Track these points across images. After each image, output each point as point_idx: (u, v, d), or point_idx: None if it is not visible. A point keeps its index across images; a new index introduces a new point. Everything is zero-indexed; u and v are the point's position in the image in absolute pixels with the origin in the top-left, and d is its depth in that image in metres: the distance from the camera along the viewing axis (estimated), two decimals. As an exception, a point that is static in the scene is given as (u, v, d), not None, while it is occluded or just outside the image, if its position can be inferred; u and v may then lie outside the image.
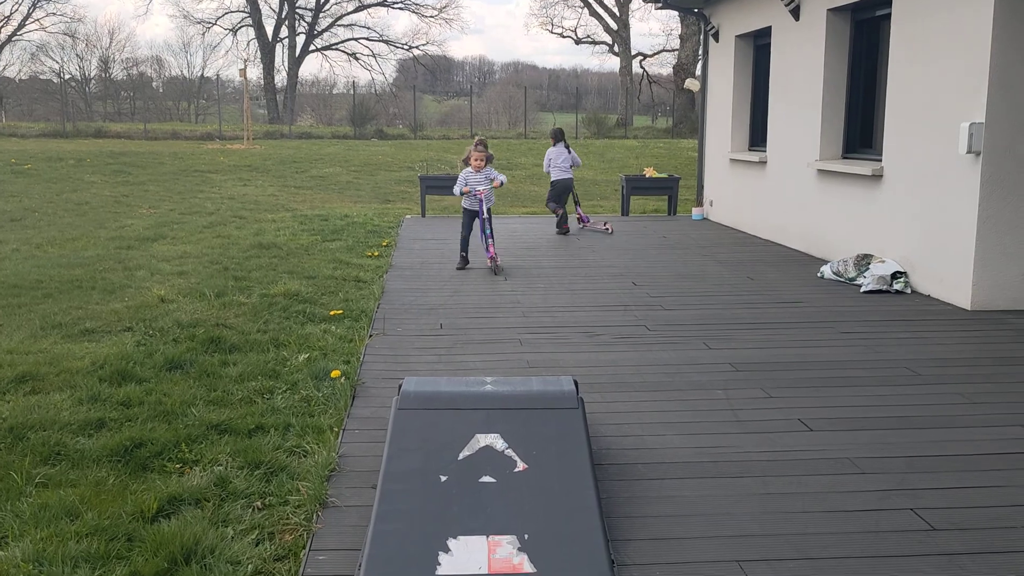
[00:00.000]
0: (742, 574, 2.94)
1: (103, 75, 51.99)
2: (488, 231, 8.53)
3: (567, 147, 11.75)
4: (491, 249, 8.56)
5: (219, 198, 15.53)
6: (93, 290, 7.49)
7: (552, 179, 11.69)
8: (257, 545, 3.16)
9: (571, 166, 11.78)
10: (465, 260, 8.81)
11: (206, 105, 53.00)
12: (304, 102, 48.93)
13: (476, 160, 8.62)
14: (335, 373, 5.05)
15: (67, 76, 45.89)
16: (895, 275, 7.62)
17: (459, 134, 34.88)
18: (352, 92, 39.75)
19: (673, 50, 44.39)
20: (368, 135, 33.92)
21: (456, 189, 8.81)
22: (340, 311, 6.83)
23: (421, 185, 13.63)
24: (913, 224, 7.63)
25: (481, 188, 8.59)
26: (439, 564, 2.90)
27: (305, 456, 3.96)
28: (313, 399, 4.73)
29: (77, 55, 58.78)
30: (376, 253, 9.76)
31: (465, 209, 8.84)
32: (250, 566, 3.01)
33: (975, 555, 3.07)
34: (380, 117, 39.93)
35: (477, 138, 8.73)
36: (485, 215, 8.56)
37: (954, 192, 7.03)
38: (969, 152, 6.73)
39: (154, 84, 54.33)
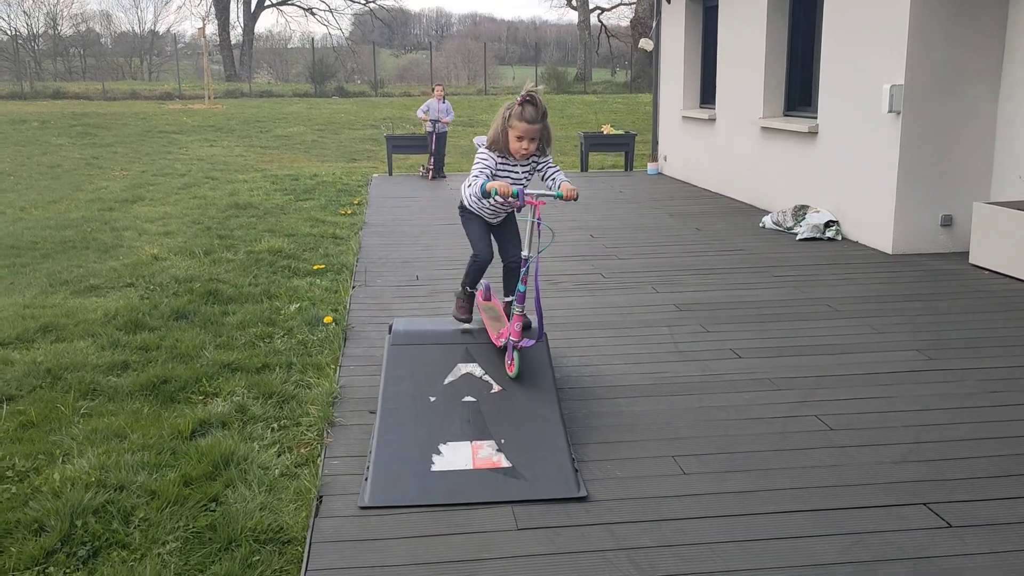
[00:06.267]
0: (676, 466, 3.68)
1: (51, 32, 51.08)
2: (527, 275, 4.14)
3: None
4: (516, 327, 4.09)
5: (188, 159, 15.90)
6: (87, 250, 8.01)
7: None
8: (280, 456, 3.83)
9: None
10: (469, 302, 4.57)
11: (159, 62, 52.34)
12: (260, 58, 48.58)
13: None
14: (328, 319, 5.70)
15: (14, 33, 45.06)
16: (827, 224, 8.40)
17: (419, 90, 35.12)
18: (310, 47, 39.62)
19: (631, 3, 44.78)
20: (329, 93, 34.04)
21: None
22: (322, 265, 7.44)
23: (387, 145, 14.16)
24: (843, 177, 8.39)
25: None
26: (433, 463, 3.60)
27: (310, 388, 4.61)
28: (309, 342, 5.38)
29: (24, 12, 57.52)
30: (349, 211, 10.34)
31: (469, 211, 4.47)
32: (277, 470, 3.67)
33: (863, 447, 3.83)
34: (339, 73, 39.93)
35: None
36: (533, 222, 4.09)
37: (878, 148, 7.79)
38: (890, 111, 7.48)
39: (103, 40, 53.46)
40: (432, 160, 13.41)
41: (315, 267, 7.39)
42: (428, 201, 11.25)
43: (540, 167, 4.31)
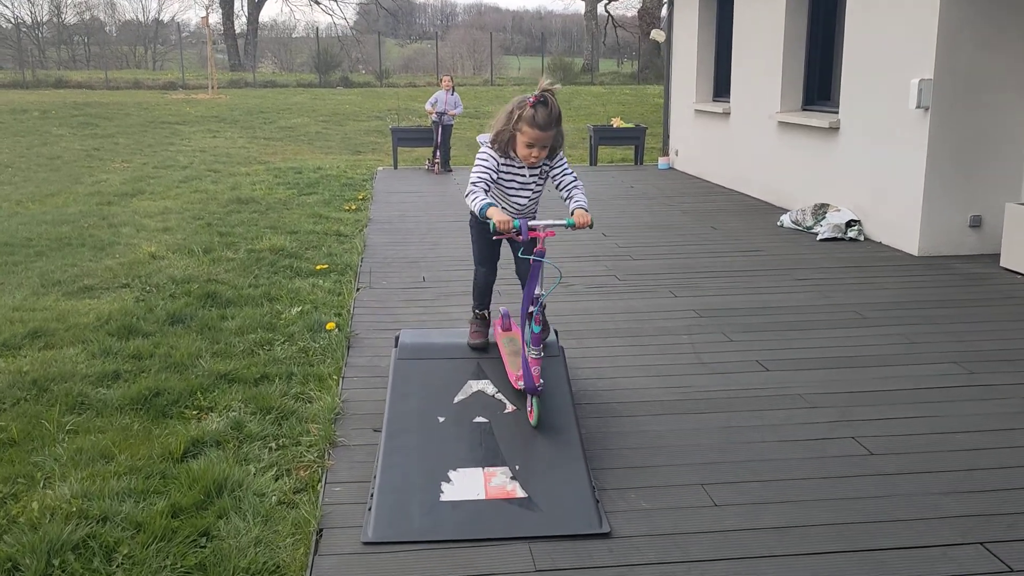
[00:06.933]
0: (706, 495, 3.39)
1: (55, 20, 50.79)
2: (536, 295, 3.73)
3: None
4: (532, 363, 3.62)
5: (191, 151, 15.62)
6: (83, 247, 7.74)
7: None
8: (277, 480, 3.55)
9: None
10: (484, 325, 4.22)
11: (163, 51, 52.03)
12: (264, 47, 48.25)
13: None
14: (330, 325, 5.42)
15: (17, 21, 44.77)
16: (849, 223, 8.09)
17: (425, 81, 34.78)
18: (314, 36, 39.27)
19: (638, -7, 44.27)
20: (333, 83, 33.72)
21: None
22: (325, 265, 7.16)
23: (393, 137, 13.86)
24: (866, 175, 8.08)
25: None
26: (442, 492, 3.32)
27: (311, 402, 4.34)
28: (311, 350, 5.10)
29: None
30: (354, 207, 10.05)
31: (477, 227, 4.06)
32: (274, 497, 3.40)
33: (907, 475, 3.55)
34: (344, 63, 39.59)
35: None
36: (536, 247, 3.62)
37: (904, 145, 7.48)
38: (918, 107, 7.16)
39: (107, 28, 53.16)
40: (437, 153, 13.11)
41: (318, 267, 7.11)
42: (434, 196, 10.96)
43: (554, 174, 3.81)
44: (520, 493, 3.31)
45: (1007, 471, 3.57)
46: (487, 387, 3.85)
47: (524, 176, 3.77)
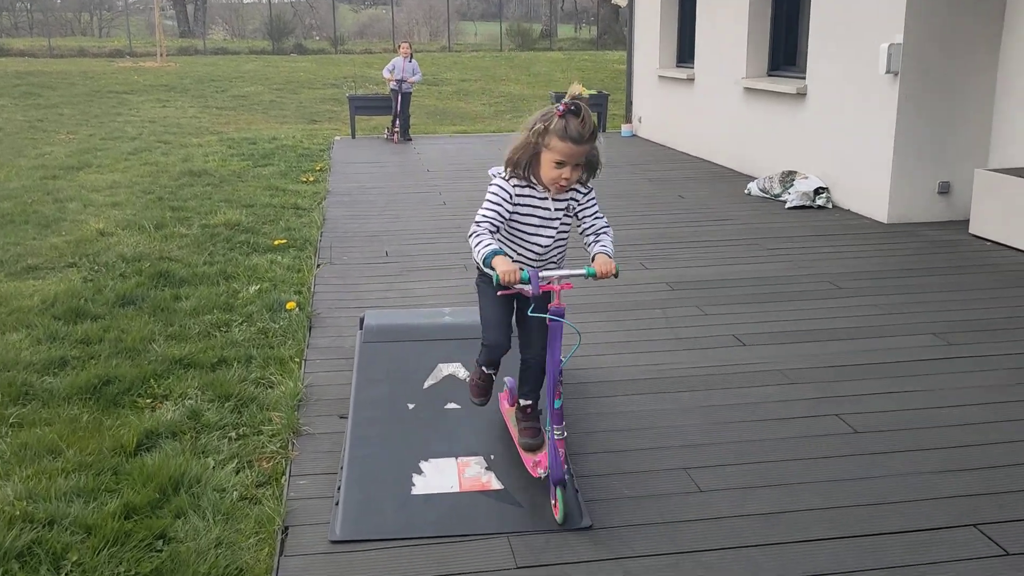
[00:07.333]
0: (690, 480, 3.26)
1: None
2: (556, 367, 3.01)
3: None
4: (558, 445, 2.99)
5: (139, 121, 15.09)
6: (27, 224, 7.37)
7: None
8: (238, 473, 3.35)
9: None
10: (488, 384, 3.37)
11: (110, 17, 50.45)
12: (215, 13, 46.98)
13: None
14: (291, 305, 5.18)
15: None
16: (817, 191, 8.00)
17: (381, 47, 34.13)
18: (267, 2, 38.29)
19: (596, -43, 43.78)
20: (287, 50, 32.94)
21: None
22: (283, 240, 6.89)
23: (350, 106, 13.49)
24: (834, 141, 7.97)
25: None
26: (414, 484, 3.14)
27: (271, 387, 4.12)
28: (271, 331, 4.87)
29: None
30: (311, 178, 9.74)
31: (482, 273, 3.13)
32: (235, 493, 3.19)
33: (893, 454, 3.44)
34: (297, 30, 38.68)
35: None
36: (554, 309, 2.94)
37: (873, 110, 7.37)
38: (888, 72, 7.04)
39: (51, -6, 51.30)
40: (397, 122, 12.80)
41: (276, 242, 6.84)
42: (395, 167, 10.67)
43: (582, 209, 3.04)
44: (496, 485, 3.14)
45: (993, 447, 3.48)
46: (458, 370, 3.67)
47: (548, 209, 3.00)
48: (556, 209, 3.02)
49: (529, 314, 2.94)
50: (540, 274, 2.83)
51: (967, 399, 3.92)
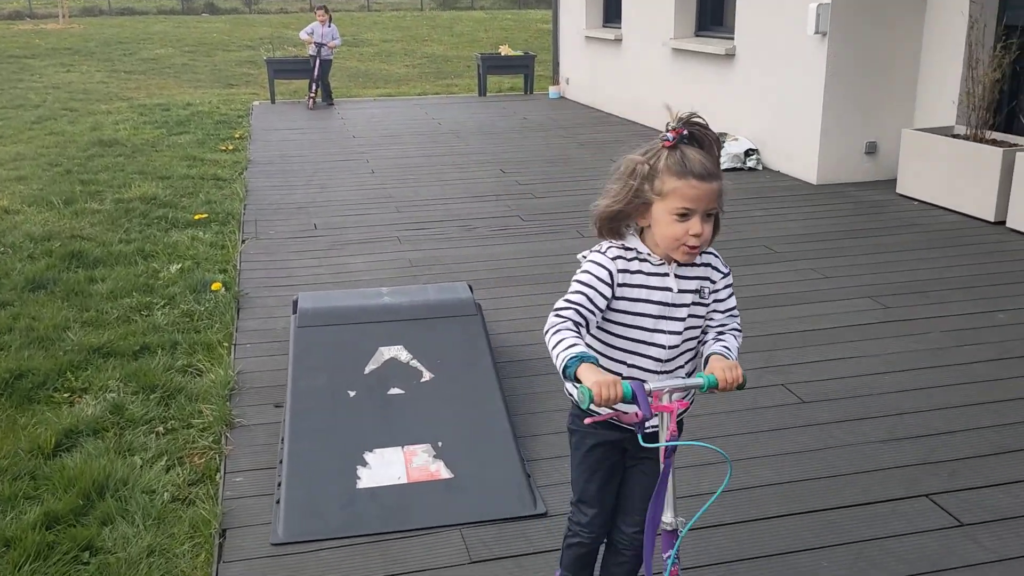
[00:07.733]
0: (641, 460, 3.19)
1: None
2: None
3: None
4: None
5: (42, 88, 14.31)
6: (-78, 203, 6.89)
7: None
8: (168, 471, 3.15)
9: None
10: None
11: (6, -24, 47.68)
12: (120, -28, 44.83)
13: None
14: (216, 285, 4.94)
15: None
16: (747, 152, 8.00)
17: (298, 6, 33.10)
18: (175, -39, 36.66)
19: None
20: (198, 10, 31.69)
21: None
22: (204, 214, 6.59)
23: (268, 69, 13.02)
24: (763, 102, 7.97)
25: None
26: (359, 478, 3.00)
27: (200, 375, 3.91)
28: (195, 313, 4.63)
29: None
30: (231, 147, 9.36)
31: (575, 419, 2.15)
32: (166, 493, 3.01)
33: (841, 423, 3.43)
34: (208, -12, 37.16)
35: None
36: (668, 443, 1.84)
37: (802, 71, 7.37)
38: (816, 32, 7.04)
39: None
40: (316, 87, 12.38)
41: (196, 216, 6.53)
42: (318, 133, 10.33)
43: (714, 298, 2.04)
44: (445, 474, 3.02)
45: (933, 414, 3.50)
46: (400, 353, 3.51)
47: (670, 290, 1.98)
48: (682, 291, 1.98)
49: (642, 444, 1.84)
50: (647, 386, 1.78)
51: (903, 364, 3.95)
